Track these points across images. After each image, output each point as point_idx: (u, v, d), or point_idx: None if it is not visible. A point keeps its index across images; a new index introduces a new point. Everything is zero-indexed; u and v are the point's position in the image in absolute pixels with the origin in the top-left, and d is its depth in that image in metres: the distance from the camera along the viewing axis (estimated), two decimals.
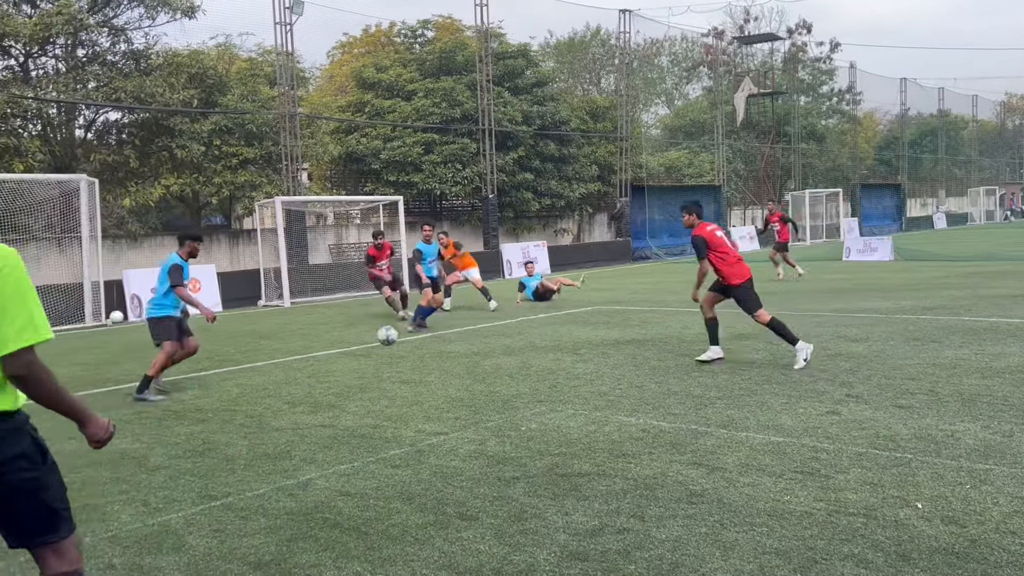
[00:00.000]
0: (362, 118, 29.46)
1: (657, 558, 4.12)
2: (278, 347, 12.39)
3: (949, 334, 10.57)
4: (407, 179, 27.95)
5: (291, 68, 24.10)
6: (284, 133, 23.62)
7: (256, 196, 23.21)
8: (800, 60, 50.59)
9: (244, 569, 4.24)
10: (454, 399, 8.06)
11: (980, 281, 17.54)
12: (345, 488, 5.45)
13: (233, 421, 7.58)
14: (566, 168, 32.20)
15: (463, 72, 29.85)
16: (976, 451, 5.59)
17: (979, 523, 4.35)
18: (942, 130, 63.79)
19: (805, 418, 6.68)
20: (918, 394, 7.32)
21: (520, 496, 5.14)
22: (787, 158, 46.88)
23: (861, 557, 4.00)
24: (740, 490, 5.04)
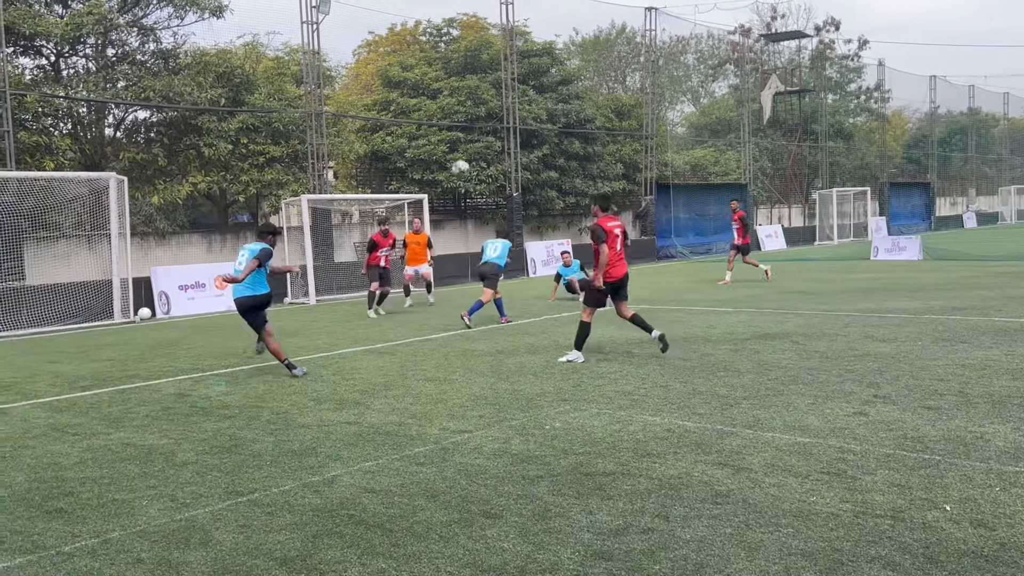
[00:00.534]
0: (387, 117, 29.56)
1: (682, 558, 4.11)
2: (303, 344, 12.47)
3: (979, 334, 10.43)
4: (432, 177, 28.01)
5: (317, 67, 24.24)
6: (310, 131, 23.76)
7: (282, 194, 23.36)
8: (828, 57, 50.07)
9: (270, 564, 4.28)
10: (478, 397, 8.08)
11: (1010, 281, 17.28)
12: (370, 485, 5.48)
13: (259, 418, 7.64)
14: (591, 166, 32.11)
15: (488, 70, 29.85)
16: (1006, 453, 5.52)
17: (1009, 526, 4.30)
18: (972, 128, 62.90)
19: (832, 419, 6.63)
20: (947, 395, 7.23)
21: (544, 495, 5.14)
22: (814, 156, 46.46)
23: (888, 559, 3.97)
24: (766, 491, 5.01)
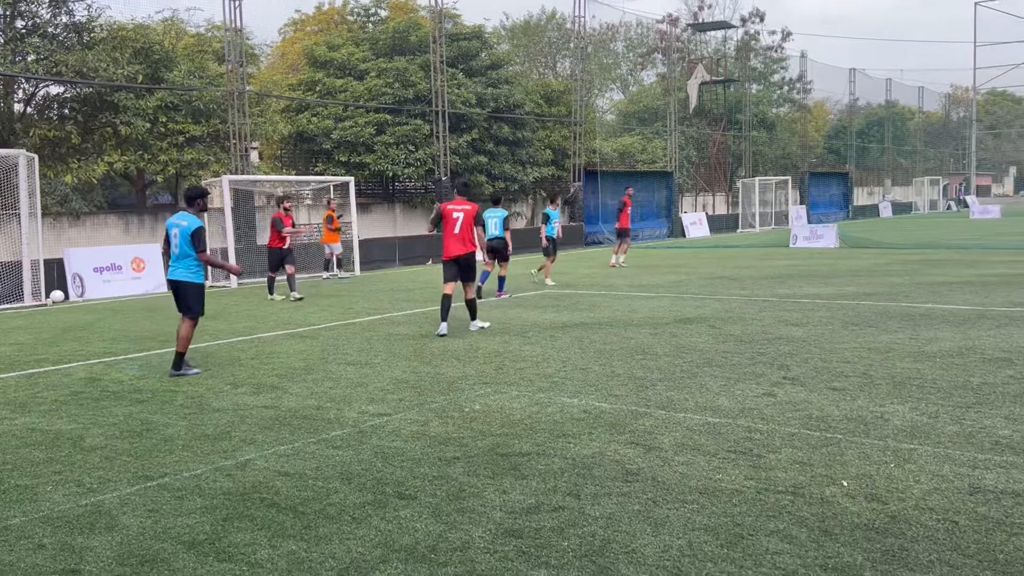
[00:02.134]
0: (313, 97, 29.07)
1: (590, 535, 4.20)
2: (222, 328, 12.24)
3: (886, 319, 10.85)
4: (359, 160, 27.68)
5: (240, 45, 23.66)
6: (232, 111, 23.22)
7: (203, 175, 22.81)
8: (752, 49, 51.13)
9: (178, 548, 4.22)
10: (399, 381, 8.06)
11: (920, 268, 18.01)
12: (284, 468, 5.44)
13: (173, 402, 7.49)
14: (520, 152, 32.17)
15: (416, 53, 29.61)
16: (903, 431, 5.78)
17: (900, 500, 4.51)
18: (889, 120, 65.09)
19: (742, 399, 6.83)
20: (852, 377, 7.52)
21: (460, 475, 5.18)
22: (738, 146, 47.45)
23: (786, 533, 4.13)
24: (674, 469, 5.15)
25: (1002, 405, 6.38)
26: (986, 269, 17.27)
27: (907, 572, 3.67)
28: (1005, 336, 9.34)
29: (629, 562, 3.87)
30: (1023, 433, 5.64)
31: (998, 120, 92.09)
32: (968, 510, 4.35)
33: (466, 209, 11.03)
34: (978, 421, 5.96)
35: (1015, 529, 4.09)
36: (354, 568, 3.92)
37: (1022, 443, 5.43)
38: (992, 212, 47.64)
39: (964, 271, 17.02)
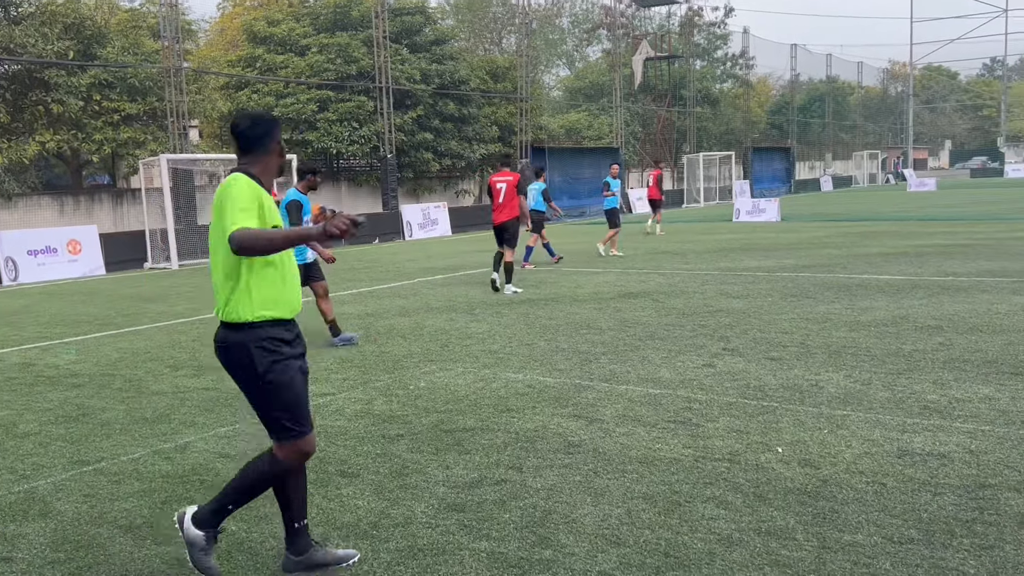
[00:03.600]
0: (253, 74, 28.51)
1: (531, 506, 4.25)
2: (163, 310, 12.02)
3: (824, 290, 11.10)
4: (301, 137, 27.27)
5: (176, 20, 23.05)
6: (169, 88, 22.65)
7: (140, 154, 22.26)
8: (695, 24, 51.46)
9: (114, 533, 4.16)
10: (344, 360, 8.02)
11: (857, 240, 18.43)
12: (225, 450, 5.39)
13: (111, 386, 7.35)
14: (466, 128, 32.01)
15: (359, 28, 29.18)
16: (836, 398, 5.94)
17: (832, 464, 4.64)
18: (830, 96, 66.20)
19: (682, 371, 6.94)
20: (789, 347, 7.69)
21: (403, 452, 5.18)
22: (683, 121, 47.84)
23: (721, 499, 4.22)
24: (615, 440, 5.22)
25: (931, 371, 6.59)
26: (921, 240, 17.75)
27: (837, 533, 3.79)
28: (936, 305, 9.62)
29: (569, 531, 3.93)
30: (950, 398, 5.84)
31: (934, 95, 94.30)
32: (896, 472, 4.49)
33: (508, 180, 12.22)
34: (908, 387, 6.15)
35: (939, 489, 4.24)
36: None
37: (949, 407, 5.62)
38: (928, 185, 48.87)
39: (900, 242, 17.47)
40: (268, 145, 3.60)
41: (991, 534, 3.72)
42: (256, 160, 3.58)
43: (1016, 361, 6.78)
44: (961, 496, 4.14)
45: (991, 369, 6.57)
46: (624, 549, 3.72)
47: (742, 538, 3.78)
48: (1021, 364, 6.68)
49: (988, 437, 4.99)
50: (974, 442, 4.91)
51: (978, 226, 20.97)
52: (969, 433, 5.08)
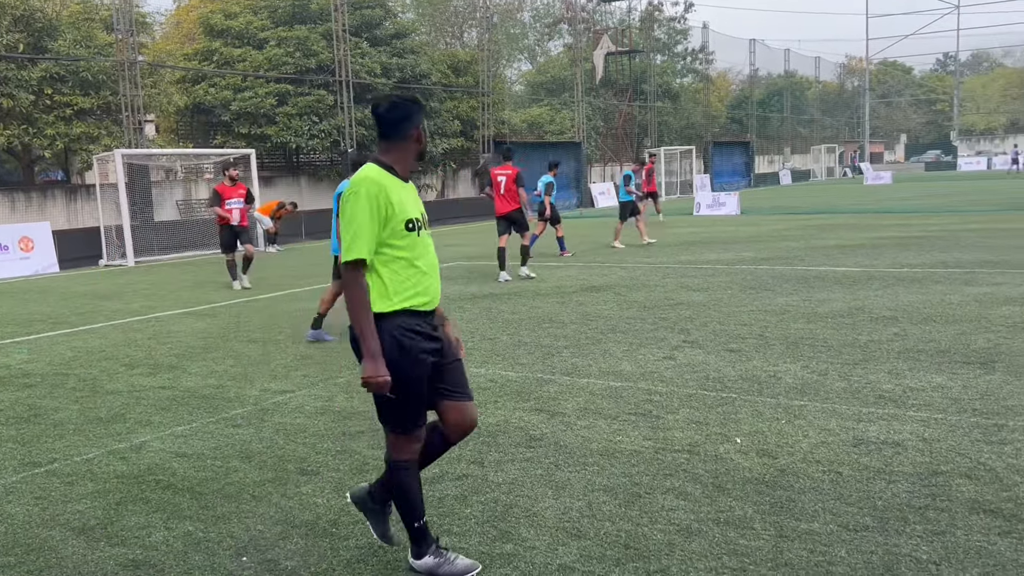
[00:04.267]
0: (210, 67, 28.09)
1: (492, 500, 4.24)
2: (118, 308, 11.80)
3: (782, 282, 11.23)
4: (260, 132, 26.95)
5: (130, 13, 22.63)
6: (124, 82, 22.24)
7: (94, 149, 21.82)
8: (656, 19, 51.75)
9: (67, 535, 4.08)
10: (304, 357, 7.94)
11: (815, 233, 18.68)
12: (181, 450, 5.30)
13: (64, 385, 7.20)
14: (428, 122, 31.87)
15: (318, 21, 28.87)
16: (794, 389, 6.01)
17: (789, 454, 4.70)
18: (788, 90, 67.03)
19: (643, 363, 6.98)
20: (748, 338, 7.77)
21: (363, 449, 5.15)
22: (644, 116, 48.10)
23: (681, 490, 4.25)
24: (577, 433, 5.23)
25: (886, 361, 6.70)
26: (877, 232, 18.04)
27: (794, 522, 3.84)
28: (892, 296, 9.79)
29: (530, 525, 3.93)
30: (904, 387, 5.94)
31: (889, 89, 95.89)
32: (852, 461, 4.56)
33: (508, 173, 12.84)
34: (864, 377, 6.25)
35: (894, 477, 4.31)
36: (253, 546, 3.86)
37: (903, 396, 5.72)
38: (884, 178, 49.72)
39: (856, 235, 17.74)
40: (406, 131, 3.44)
41: (943, 520, 3.79)
42: (392, 147, 3.44)
43: (968, 350, 6.92)
44: (914, 483, 4.22)
45: (944, 358, 6.69)
46: (585, 542, 3.73)
47: (701, 528, 3.81)
48: (972, 353, 6.82)
49: (940, 425, 5.09)
50: (927, 430, 5.00)
51: (932, 218, 21.37)
52: (922, 421, 5.17)
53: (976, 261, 12.52)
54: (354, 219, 3.26)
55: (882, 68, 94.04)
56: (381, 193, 3.29)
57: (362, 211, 3.27)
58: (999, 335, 7.42)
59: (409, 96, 3.53)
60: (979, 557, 3.44)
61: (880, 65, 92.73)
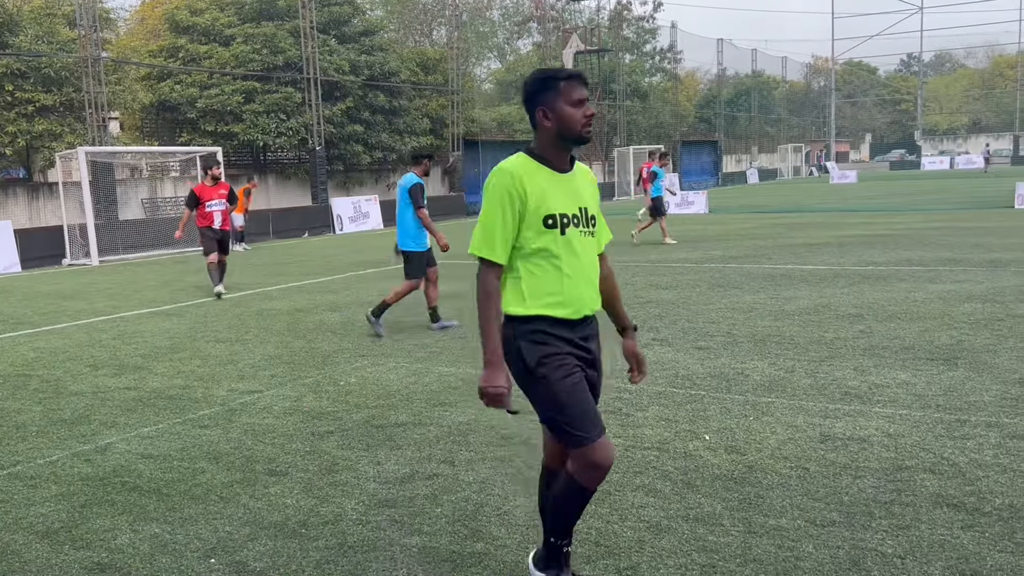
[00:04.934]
0: (175, 64, 27.75)
1: (463, 500, 4.23)
2: (82, 308, 11.62)
3: (750, 280, 11.34)
4: (227, 129, 26.68)
5: (93, 8, 22.29)
6: (87, 79, 21.90)
7: (57, 147, 21.47)
8: (625, 18, 51.98)
9: (30, 539, 4.01)
10: (272, 356, 7.87)
11: (782, 231, 18.88)
12: (147, 451, 5.23)
13: (27, 387, 7.07)
14: (397, 121, 31.76)
15: (285, 18, 28.66)
16: (762, 386, 6.07)
17: (757, 450, 4.74)
18: (755, 90, 67.68)
19: (613, 362, 6.98)
20: (716, 336, 7.83)
21: (333, 449, 5.11)
22: (613, 115, 48.32)
23: (651, 487, 4.28)
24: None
25: (852, 358, 6.79)
26: (843, 231, 18.28)
27: (762, 518, 3.87)
28: (857, 293, 9.92)
29: (501, 524, 3.93)
30: (870, 383, 6.03)
31: (855, 89, 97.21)
32: (819, 457, 4.61)
33: None
34: (830, 374, 6.33)
35: (859, 472, 4.37)
36: (221, 548, 3.82)
37: (868, 393, 5.80)
38: (850, 177, 50.38)
39: (823, 233, 17.96)
40: (532, 112, 2.99)
41: (908, 514, 3.85)
42: (536, 133, 3.00)
43: (932, 347, 7.04)
44: (880, 479, 4.28)
45: (908, 355, 6.80)
46: None
47: (671, 525, 3.83)
48: (936, 350, 6.93)
49: (905, 421, 5.17)
50: (892, 426, 5.08)
51: (897, 217, 21.69)
52: (887, 417, 5.25)
53: (939, 259, 12.73)
54: (483, 212, 2.96)
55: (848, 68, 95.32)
56: (514, 184, 2.91)
57: (490, 204, 2.93)
58: (962, 332, 7.56)
59: (543, 70, 3.04)
60: (943, 550, 3.50)
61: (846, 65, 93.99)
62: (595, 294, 3.08)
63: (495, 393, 2.88)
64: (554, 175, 2.97)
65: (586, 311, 3.03)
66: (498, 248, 2.92)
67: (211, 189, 12.21)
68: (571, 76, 2.97)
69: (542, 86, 2.96)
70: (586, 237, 3.02)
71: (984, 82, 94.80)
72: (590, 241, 3.05)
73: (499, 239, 2.92)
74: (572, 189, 3.01)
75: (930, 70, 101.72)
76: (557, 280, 2.96)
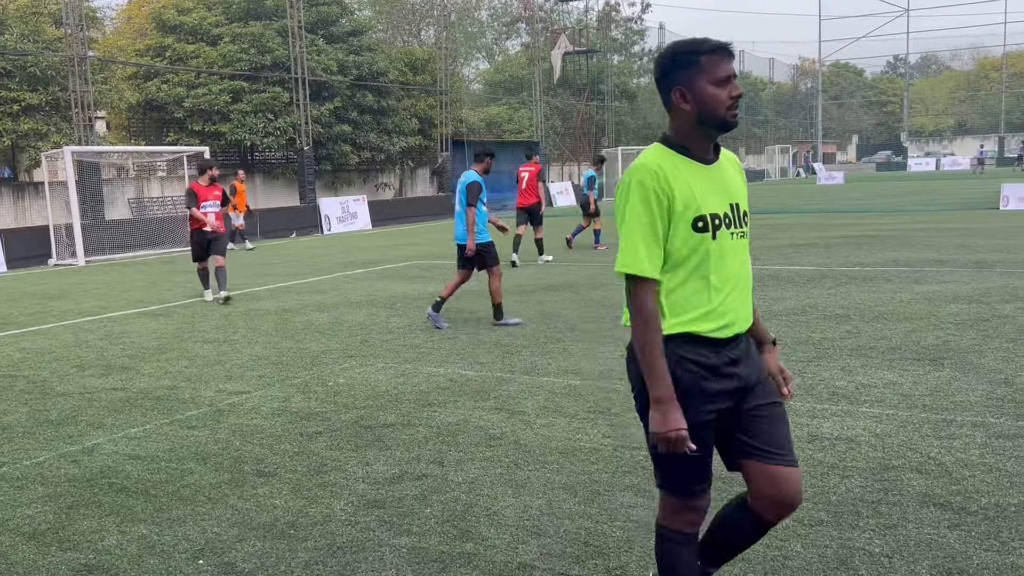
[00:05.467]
0: (162, 63, 27.62)
1: (453, 500, 4.23)
2: (69, 308, 11.55)
3: None
4: (214, 129, 26.58)
5: (79, 7, 22.16)
6: (73, 78, 21.77)
7: (43, 146, 21.33)
8: (613, 19, 52.08)
9: (16, 540, 3.98)
10: (260, 357, 7.85)
11: (769, 232, 18.95)
12: (135, 452, 5.21)
13: (12, 388, 7.03)
14: (385, 121, 31.70)
15: (273, 17, 28.57)
16: None
17: None
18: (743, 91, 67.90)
19: (602, 362, 7.02)
20: None
21: (321, 450, 5.10)
22: (601, 115, 48.39)
23: (640, 487, 4.29)
24: (536, 431, 5.25)
25: (839, 358, 6.83)
26: (830, 232, 18.36)
27: None
28: (844, 294, 9.97)
29: (490, 524, 3.93)
30: (857, 384, 6.06)
31: (842, 91, 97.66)
32: (806, 456, 4.63)
33: (531, 169, 14.59)
34: (817, 374, 6.36)
35: (847, 472, 4.40)
36: (209, 549, 3.80)
37: (856, 393, 5.83)
38: (837, 178, 50.60)
39: (810, 234, 18.04)
40: (667, 92, 2.55)
41: (895, 514, 3.87)
42: (671, 118, 2.58)
43: (918, 347, 7.08)
44: (867, 478, 4.30)
45: (895, 355, 6.84)
46: (545, 539, 3.74)
47: None
48: (923, 350, 6.98)
49: (892, 421, 5.20)
50: (879, 426, 5.11)
51: (883, 218, 21.81)
52: (875, 417, 5.28)
53: (925, 260, 12.81)
54: (625, 221, 2.49)
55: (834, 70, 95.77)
56: (659, 182, 2.47)
57: (633, 209, 2.48)
58: (948, 332, 7.61)
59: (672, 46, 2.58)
60: (929, 549, 3.52)
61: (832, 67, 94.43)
62: (748, 308, 2.65)
63: (677, 438, 2.41)
64: (699, 167, 2.54)
65: (738, 328, 2.59)
66: (650, 261, 2.47)
67: (207, 189, 11.76)
68: (715, 49, 2.50)
69: (679, 62, 2.52)
70: (738, 239, 2.58)
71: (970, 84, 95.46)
72: (742, 244, 2.60)
73: (650, 250, 2.47)
74: (720, 182, 2.58)
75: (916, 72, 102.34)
76: (704, 292, 2.52)
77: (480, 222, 8.79)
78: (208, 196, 11.66)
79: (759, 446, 2.61)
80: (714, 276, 2.52)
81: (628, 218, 2.49)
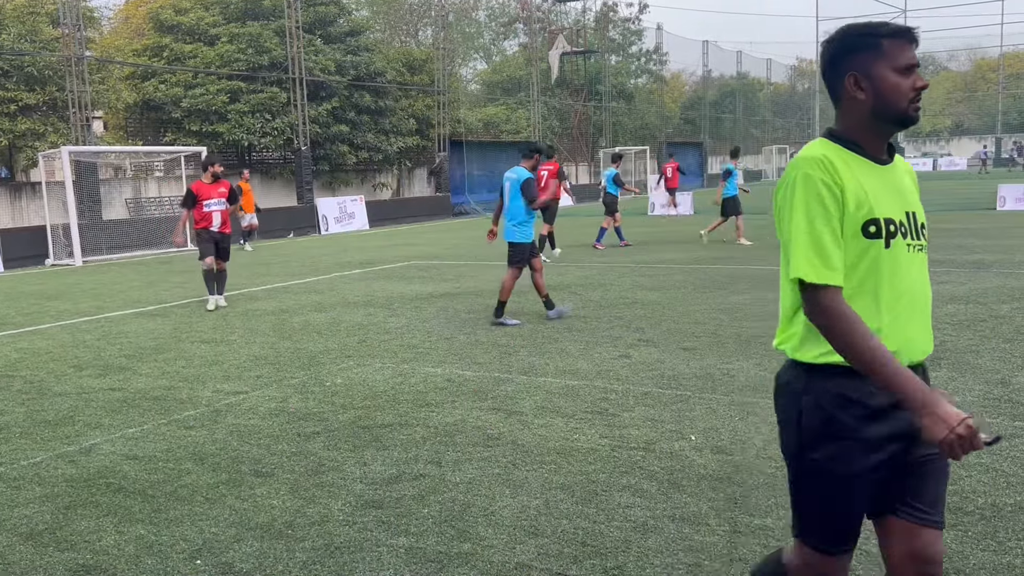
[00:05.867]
0: (160, 63, 27.59)
1: (450, 500, 4.24)
2: (66, 308, 11.54)
3: (735, 281, 11.39)
4: (212, 129, 26.55)
5: (76, 7, 22.13)
6: (71, 78, 21.74)
7: (40, 146, 21.30)
8: (611, 20, 52.10)
9: (13, 540, 3.98)
10: (257, 357, 7.85)
11: (767, 232, 18.95)
12: (132, 452, 5.21)
13: (10, 388, 7.02)
14: (383, 121, 31.67)
15: (271, 17, 28.54)
16: (747, 386, 6.10)
17: (742, 450, 4.77)
18: (740, 92, 67.94)
19: (599, 362, 7.03)
20: (702, 337, 7.87)
21: (319, 450, 5.10)
22: (599, 116, 48.39)
23: (637, 487, 4.29)
24: (534, 431, 5.25)
25: None
26: None
27: (748, 517, 3.90)
28: None
29: (488, 524, 3.93)
30: None
31: None
32: None
33: (550, 168, 14.48)
34: None
35: None
36: (207, 549, 3.81)
37: None
38: None
39: None
40: (838, 79, 2.21)
41: None
42: (842, 110, 2.23)
43: None
44: None
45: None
46: (542, 540, 3.75)
47: (657, 525, 3.85)
48: None
49: None
50: None
51: None
52: None
53: None
54: (794, 221, 2.12)
55: None
56: (830, 176, 2.12)
57: (805, 207, 2.11)
58: (944, 333, 7.62)
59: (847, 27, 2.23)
60: None
61: None
62: (927, 333, 2.27)
63: (967, 432, 1.94)
64: (872, 166, 2.20)
65: (914, 356, 2.21)
66: (835, 263, 2.09)
67: (210, 187, 11.06)
68: (898, 32, 2.16)
69: (856, 44, 2.18)
70: (915, 252, 2.22)
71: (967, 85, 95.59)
72: (920, 258, 2.24)
73: (833, 251, 2.10)
74: (896, 186, 2.23)
75: None
76: (874, 311, 2.15)
77: (520, 221, 9.05)
78: (212, 194, 11.02)
79: (908, 500, 2.25)
80: (885, 292, 2.16)
81: (796, 217, 2.12)
